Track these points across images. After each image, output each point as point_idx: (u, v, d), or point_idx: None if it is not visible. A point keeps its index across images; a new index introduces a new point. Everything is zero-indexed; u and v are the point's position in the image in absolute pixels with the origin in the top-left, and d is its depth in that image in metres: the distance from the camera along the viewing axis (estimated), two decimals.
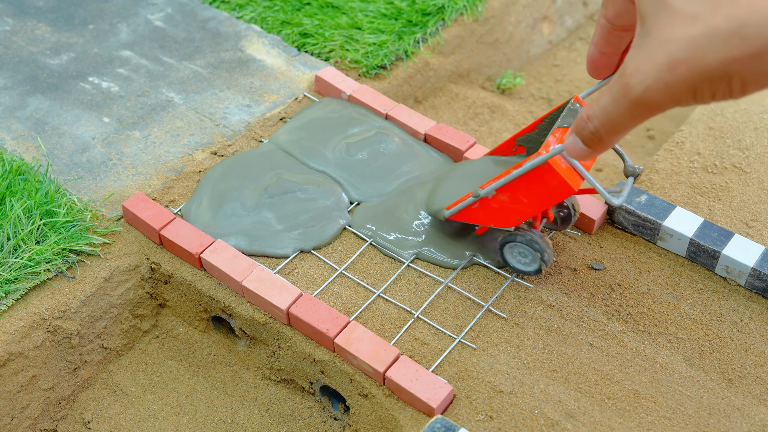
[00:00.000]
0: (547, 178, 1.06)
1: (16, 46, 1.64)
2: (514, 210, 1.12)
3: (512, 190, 1.10)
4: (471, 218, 1.18)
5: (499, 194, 1.11)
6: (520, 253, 1.18)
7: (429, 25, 1.71)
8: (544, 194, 1.08)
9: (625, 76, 0.59)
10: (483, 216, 1.16)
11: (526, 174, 1.06)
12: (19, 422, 1.18)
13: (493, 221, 1.16)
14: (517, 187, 1.09)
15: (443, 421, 1.03)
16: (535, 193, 1.08)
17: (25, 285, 1.18)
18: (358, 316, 1.18)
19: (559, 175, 1.05)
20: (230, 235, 1.27)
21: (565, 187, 1.06)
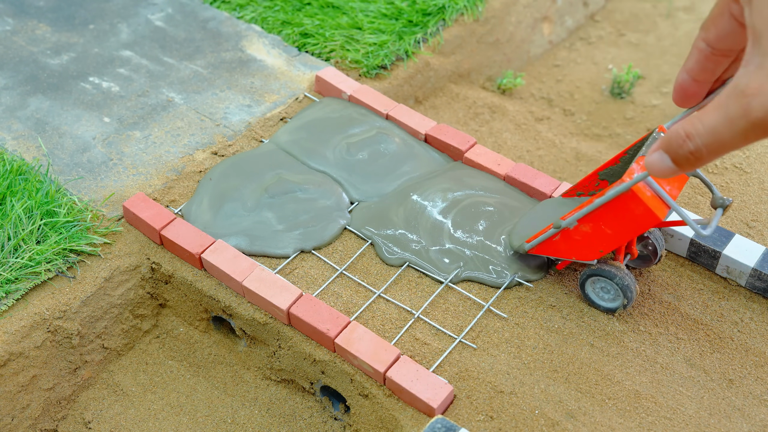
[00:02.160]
0: (632, 206, 1.02)
1: (17, 46, 1.64)
2: (596, 241, 1.08)
3: (595, 220, 1.06)
4: (552, 251, 1.14)
5: (582, 225, 1.07)
6: (603, 288, 1.15)
7: (429, 25, 1.71)
8: (628, 223, 1.04)
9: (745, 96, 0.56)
10: (564, 248, 1.12)
11: (609, 202, 1.02)
12: (20, 422, 1.18)
13: (574, 254, 1.12)
14: (600, 216, 1.05)
15: (444, 421, 1.03)
16: (619, 222, 1.04)
17: (25, 285, 1.18)
18: (359, 316, 1.18)
19: (644, 203, 1.00)
20: (231, 235, 1.27)
21: (650, 215, 1.02)
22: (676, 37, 2.08)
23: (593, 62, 2.00)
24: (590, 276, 1.14)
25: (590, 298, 1.18)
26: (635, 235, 1.06)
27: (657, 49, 2.04)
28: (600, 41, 2.08)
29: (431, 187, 1.34)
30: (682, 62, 1.98)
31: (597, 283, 1.15)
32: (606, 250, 1.09)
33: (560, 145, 1.68)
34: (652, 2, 2.21)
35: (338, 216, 1.31)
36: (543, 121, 1.77)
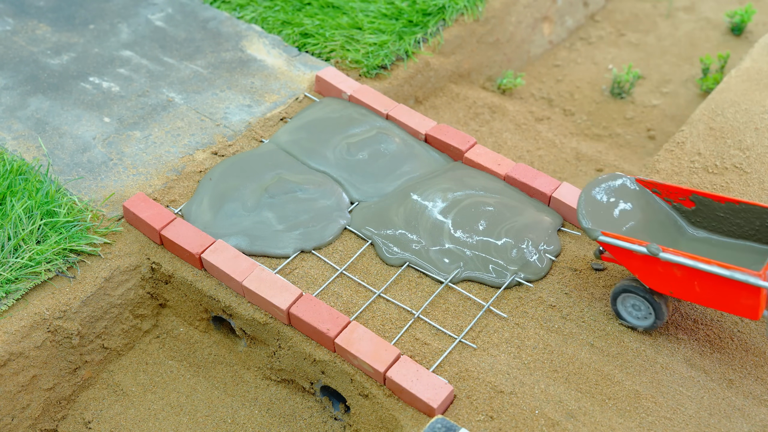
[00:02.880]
0: (743, 295, 0.98)
1: (17, 46, 1.64)
2: (675, 285, 1.03)
3: (694, 275, 1.01)
4: (624, 260, 1.08)
5: (676, 268, 1.02)
6: (634, 305, 1.12)
7: (430, 25, 1.71)
8: (722, 299, 1.00)
9: None
10: (638, 267, 1.07)
11: (723, 278, 0.97)
12: (20, 422, 1.18)
13: (644, 277, 1.07)
14: (703, 278, 1.00)
15: (444, 421, 1.03)
16: (716, 294, 1.00)
17: (25, 285, 1.18)
18: (359, 316, 1.18)
19: (759, 302, 0.97)
20: (231, 235, 1.27)
21: (753, 311, 0.98)
22: (676, 37, 2.08)
23: (593, 62, 2.00)
24: (623, 291, 1.12)
25: (620, 314, 1.15)
26: (716, 308, 1.04)
27: (657, 49, 2.04)
28: (600, 41, 2.08)
29: (431, 187, 1.34)
30: (681, 62, 1.99)
31: (628, 300, 1.13)
32: (678, 296, 1.06)
33: (560, 145, 1.68)
34: (652, 2, 2.21)
35: (338, 216, 1.31)
36: (543, 121, 1.77)
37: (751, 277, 0.98)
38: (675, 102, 1.87)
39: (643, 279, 1.09)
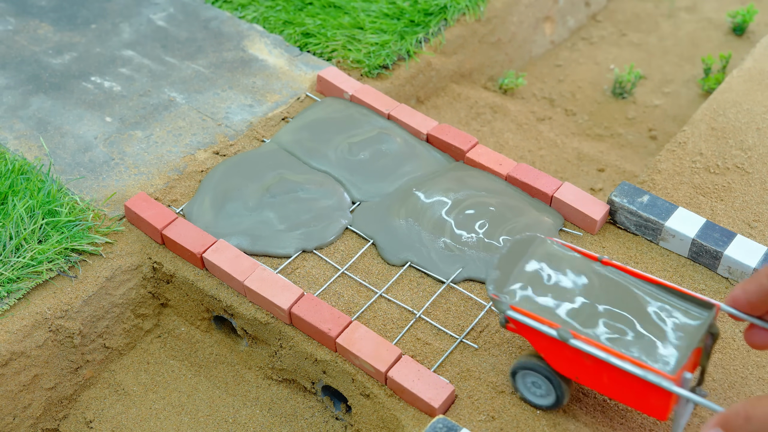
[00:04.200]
0: (652, 395, 0.91)
1: (19, 45, 1.64)
2: (582, 373, 0.96)
3: (605, 367, 0.93)
4: (531, 338, 0.99)
5: (585, 356, 0.94)
6: (534, 383, 1.04)
7: (431, 25, 1.71)
8: (630, 396, 0.93)
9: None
10: (546, 347, 0.98)
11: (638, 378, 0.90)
12: (21, 421, 1.18)
13: (551, 359, 0.98)
14: (613, 372, 0.92)
15: (445, 421, 1.03)
16: (624, 389, 0.93)
17: (27, 284, 1.18)
18: (360, 315, 1.18)
19: (668, 404, 0.90)
20: (232, 234, 1.27)
21: (660, 412, 0.92)
22: (678, 37, 2.08)
23: (595, 62, 2.00)
24: (521, 368, 1.03)
25: (519, 390, 1.06)
26: (623, 402, 0.96)
27: (659, 49, 2.04)
28: (602, 41, 2.08)
29: (433, 187, 1.34)
30: (683, 62, 1.99)
31: (529, 377, 1.04)
32: (582, 383, 0.98)
33: (562, 145, 1.68)
34: (654, 2, 2.21)
35: (340, 216, 1.31)
36: (544, 121, 1.77)
37: (665, 381, 0.88)
38: (677, 102, 1.87)
39: (549, 360, 0.99)
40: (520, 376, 1.05)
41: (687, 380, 0.89)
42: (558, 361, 0.98)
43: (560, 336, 0.94)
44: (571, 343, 0.93)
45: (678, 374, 0.89)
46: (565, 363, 0.98)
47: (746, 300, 0.67)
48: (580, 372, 0.97)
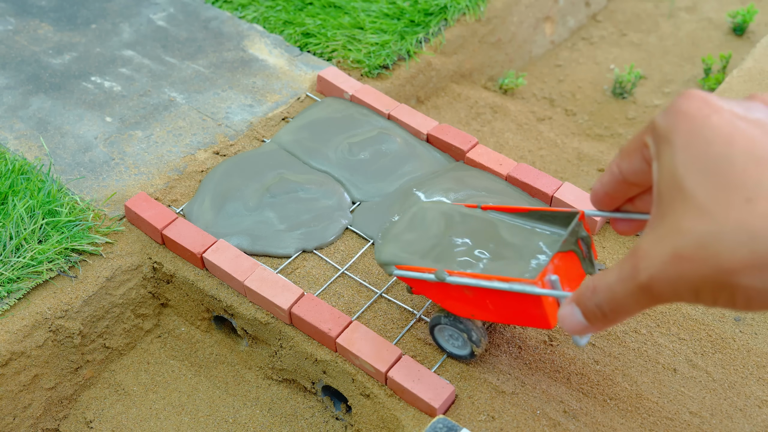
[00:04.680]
0: (529, 306, 0.93)
1: (19, 45, 1.64)
2: (472, 308, 1.00)
3: (484, 294, 0.96)
4: (422, 290, 1.04)
5: (466, 289, 0.97)
6: (451, 335, 1.08)
7: (431, 25, 1.71)
8: (515, 314, 0.96)
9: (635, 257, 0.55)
10: (436, 295, 1.02)
11: (512, 293, 0.93)
12: (21, 421, 1.18)
13: (444, 304, 1.03)
14: (491, 295, 0.96)
15: (445, 421, 1.03)
16: (507, 309, 0.96)
17: (27, 284, 1.18)
18: (360, 315, 1.18)
19: (545, 310, 0.92)
20: (232, 234, 1.27)
21: (543, 320, 0.94)
22: (678, 37, 2.08)
23: (595, 62, 2.00)
24: (436, 324, 1.07)
25: (440, 344, 1.11)
26: (516, 324, 0.98)
27: (659, 49, 2.04)
28: (602, 41, 2.08)
29: (433, 187, 1.34)
30: (683, 62, 1.99)
31: (445, 331, 1.08)
32: (479, 318, 1.01)
33: (562, 145, 1.68)
34: (654, 2, 2.21)
35: (340, 216, 1.31)
36: (545, 121, 1.77)
37: (527, 286, 0.91)
38: None
39: (444, 306, 1.03)
40: (438, 332, 1.09)
41: (553, 282, 0.90)
42: (450, 303, 1.02)
43: (438, 277, 0.98)
44: (449, 281, 0.97)
45: (539, 277, 0.91)
46: (456, 303, 1.01)
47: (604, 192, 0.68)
48: (470, 307, 1.00)
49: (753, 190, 0.49)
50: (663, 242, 0.53)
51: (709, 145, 0.52)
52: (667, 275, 0.53)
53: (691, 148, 0.53)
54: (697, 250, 0.50)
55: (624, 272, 0.56)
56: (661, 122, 0.56)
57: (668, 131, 0.55)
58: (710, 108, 0.53)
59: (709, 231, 0.50)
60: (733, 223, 0.49)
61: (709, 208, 0.50)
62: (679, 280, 0.52)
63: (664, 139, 0.55)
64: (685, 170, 0.53)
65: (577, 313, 0.62)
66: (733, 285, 0.49)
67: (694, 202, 0.51)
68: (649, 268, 0.53)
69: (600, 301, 0.59)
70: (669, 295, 0.53)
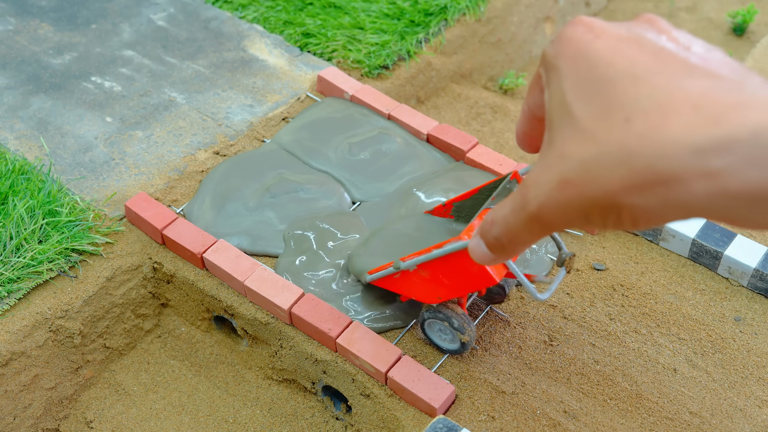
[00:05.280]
0: (468, 265, 0.96)
1: (19, 45, 1.64)
2: (435, 288, 1.03)
3: (433, 269, 1.00)
4: (393, 287, 1.09)
5: (421, 270, 1.01)
6: (441, 330, 1.09)
7: (431, 25, 1.71)
8: (464, 279, 0.99)
9: (525, 186, 0.54)
10: (405, 288, 1.07)
11: (446, 256, 0.97)
12: (22, 421, 1.18)
13: (414, 295, 1.07)
14: (438, 267, 0.99)
15: (445, 421, 1.03)
16: (456, 276, 0.99)
17: (27, 284, 1.18)
18: None
19: (482, 266, 0.94)
20: (232, 234, 1.27)
21: (485, 277, 0.96)
22: None
23: None
24: (426, 320, 1.09)
25: (431, 339, 1.12)
26: (472, 290, 1.00)
27: None
28: None
29: (433, 187, 1.34)
30: None
31: (434, 326, 1.09)
32: (444, 297, 1.03)
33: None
34: (654, 2, 2.21)
35: None
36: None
37: (457, 243, 0.94)
38: None
39: (417, 298, 1.06)
40: (428, 330, 1.11)
41: None
42: (419, 293, 1.06)
43: (396, 267, 1.03)
44: (403, 267, 1.02)
45: (464, 232, 0.95)
46: (422, 290, 1.05)
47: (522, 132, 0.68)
48: (433, 290, 1.03)
49: (630, 109, 0.48)
50: (550, 169, 0.52)
51: (592, 69, 0.52)
52: (555, 202, 0.52)
53: (576, 74, 0.53)
54: (581, 174, 0.50)
55: (516, 203, 0.56)
56: (549, 51, 0.56)
57: (555, 58, 0.54)
58: (594, 32, 0.53)
59: (592, 154, 0.49)
60: (614, 144, 0.48)
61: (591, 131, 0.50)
62: (567, 206, 0.51)
63: (552, 66, 0.55)
64: (571, 96, 0.52)
65: (481, 244, 0.62)
66: (617, 206, 0.49)
67: (579, 127, 0.51)
68: (538, 196, 0.53)
69: (497, 233, 0.59)
70: (559, 221, 0.53)
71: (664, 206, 0.47)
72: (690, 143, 0.46)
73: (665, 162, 0.46)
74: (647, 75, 0.50)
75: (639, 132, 0.48)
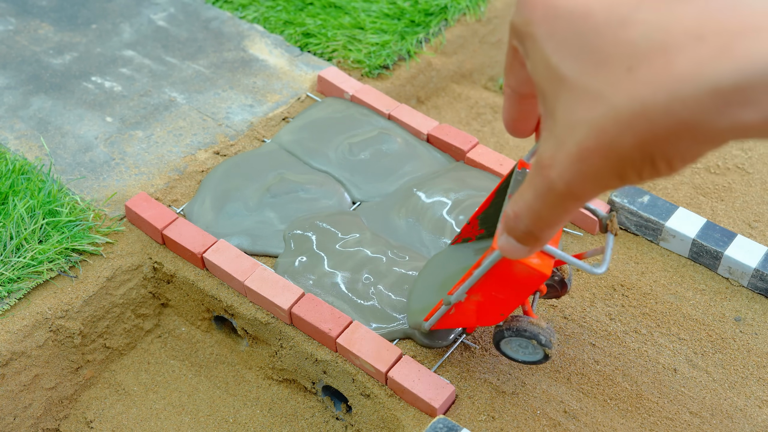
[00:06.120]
0: (514, 270, 0.91)
1: (20, 45, 1.64)
2: (493, 307, 0.98)
3: (482, 289, 0.96)
4: (455, 323, 1.04)
5: (472, 296, 0.97)
6: (519, 345, 1.04)
7: (432, 25, 1.71)
8: (515, 287, 0.94)
9: (543, 168, 0.51)
10: (465, 319, 1.02)
11: (490, 271, 0.92)
12: (22, 421, 1.18)
13: (477, 321, 1.02)
14: (486, 285, 0.95)
15: (445, 421, 1.03)
16: (506, 287, 0.94)
17: (27, 284, 1.18)
18: None
19: (525, 264, 0.90)
20: (233, 234, 1.27)
21: (535, 274, 0.91)
22: None
23: None
24: (501, 339, 1.04)
25: (509, 356, 1.07)
26: (529, 293, 0.95)
27: None
28: None
29: (433, 188, 1.34)
30: None
31: (511, 343, 1.04)
32: (507, 313, 0.99)
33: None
34: None
35: None
36: None
37: (491, 255, 0.90)
38: None
39: (481, 324, 1.02)
40: (504, 346, 1.06)
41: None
42: (480, 318, 1.01)
43: (447, 303, 0.99)
44: (454, 299, 0.98)
45: (495, 244, 0.87)
46: (483, 314, 1.00)
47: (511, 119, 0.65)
48: (493, 309, 0.99)
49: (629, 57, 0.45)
50: (564, 142, 0.49)
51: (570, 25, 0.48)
52: (583, 174, 0.49)
53: (554, 34, 0.49)
54: (600, 137, 0.47)
55: (538, 188, 0.53)
56: (517, 20, 0.53)
57: (526, 25, 0.51)
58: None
59: (602, 114, 0.46)
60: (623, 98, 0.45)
61: (594, 89, 0.47)
62: (597, 174, 0.49)
63: (526, 35, 0.52)
64: (557, 58, 0.49)
65: (511, 241, 0.60)
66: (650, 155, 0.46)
67: (578, 89, 0.48)
68: (562, 174, 0.50)
69: (527, 225, 0.56)
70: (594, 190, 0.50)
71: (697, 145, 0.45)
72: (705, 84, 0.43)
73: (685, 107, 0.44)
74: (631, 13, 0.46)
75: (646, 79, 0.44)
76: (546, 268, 0.91)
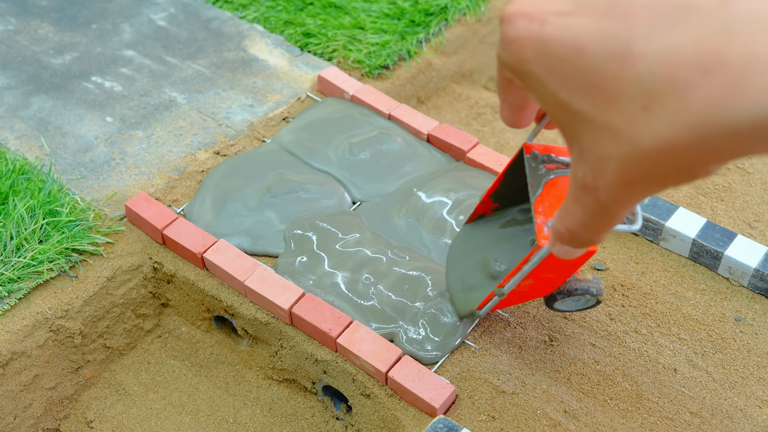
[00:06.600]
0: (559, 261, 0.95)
1: (20, 45, 1.64)
2: (545, 285, 1.03)
3: (534, 275, 0.99)
4: (507, 304, 1.09)
5: (524, 282, 1.00)
6: (573, 300, 1.08)
7: (432, 25, 1.71)
8: (568, 266, 0.98)
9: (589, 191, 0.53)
10: (518, 298, 1.06)
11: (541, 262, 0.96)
12: (22, 421, 1.18)
13: (531, 297, 1.07)
14: (539, 271, 0.98)
15: (445, 421, 1.03)
16: (559, 268, 0.98)
17: (27, 284, 1.18)
18: None
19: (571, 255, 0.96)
20: (233, 234, 1.27)
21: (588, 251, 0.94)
22: None
23: None
24: (555, 301, 1.08)
25: (563, 311, 1.12)
26: (580, 266, 1.00)
27: None
28: None
29: (434, 187, 1.34)
30: None
31: (566, 301, 1.09)
32: (558, 284, 1.03)
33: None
34: None
35: None
36: None
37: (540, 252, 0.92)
38: None
39: (533, 297, 1.07)
40: (559, 306, 1.10)
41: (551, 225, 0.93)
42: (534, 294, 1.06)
43: (499, 295, 1.03)
44: (506, 291, 1.02)
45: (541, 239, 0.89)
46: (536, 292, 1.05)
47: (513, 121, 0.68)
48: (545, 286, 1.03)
49: (641, 96, 0.46)
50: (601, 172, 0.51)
51: (565, 61, 0.48)
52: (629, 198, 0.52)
53: (553, 71, 0.49)
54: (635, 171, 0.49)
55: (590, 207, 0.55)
56: (507, 59, 0.53)
57: (519, 65, 0.52)
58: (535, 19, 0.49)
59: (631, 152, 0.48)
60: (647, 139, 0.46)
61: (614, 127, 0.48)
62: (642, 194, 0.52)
63: (523, 73, 0.52)
64: (565, 95, 0.49)
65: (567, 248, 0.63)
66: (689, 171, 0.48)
67: (597, 124, 0.49)
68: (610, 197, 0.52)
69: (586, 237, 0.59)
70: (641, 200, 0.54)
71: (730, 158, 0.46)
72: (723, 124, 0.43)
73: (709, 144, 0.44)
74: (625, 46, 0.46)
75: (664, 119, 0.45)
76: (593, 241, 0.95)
